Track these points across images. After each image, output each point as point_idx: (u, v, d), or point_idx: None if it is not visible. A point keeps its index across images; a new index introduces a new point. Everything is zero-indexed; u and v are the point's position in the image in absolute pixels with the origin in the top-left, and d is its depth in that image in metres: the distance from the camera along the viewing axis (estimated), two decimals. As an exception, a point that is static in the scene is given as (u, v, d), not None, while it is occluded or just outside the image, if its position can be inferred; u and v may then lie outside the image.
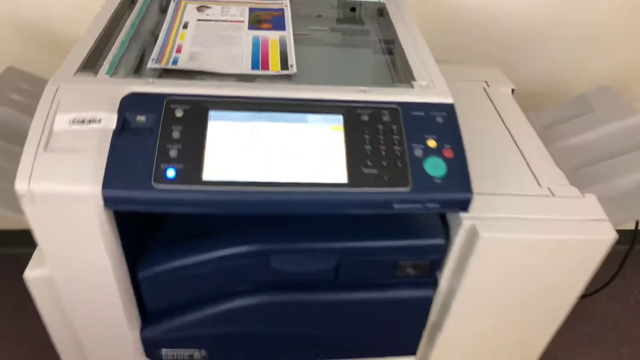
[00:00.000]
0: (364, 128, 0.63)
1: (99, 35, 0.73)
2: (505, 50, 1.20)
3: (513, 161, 0.78)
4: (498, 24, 1.16)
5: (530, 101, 1.00)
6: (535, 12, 1.14)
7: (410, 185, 0.60)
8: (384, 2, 0.91)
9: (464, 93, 0.71)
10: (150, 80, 0.64)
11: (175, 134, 0.60)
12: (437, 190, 0.60)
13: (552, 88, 1.25)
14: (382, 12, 0.91)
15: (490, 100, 0.92)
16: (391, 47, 0.81)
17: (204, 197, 0.58)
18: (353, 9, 0.93)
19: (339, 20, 0.92)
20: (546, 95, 1.26)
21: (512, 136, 0.83)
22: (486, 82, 0.97)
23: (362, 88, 0.66)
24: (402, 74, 0.73)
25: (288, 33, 0.79)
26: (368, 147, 0.62)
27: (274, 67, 0.70)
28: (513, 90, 0.97)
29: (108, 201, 0.56)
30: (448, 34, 1.12)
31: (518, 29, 1.17)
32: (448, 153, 0.62)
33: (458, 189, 0.61)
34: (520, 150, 0.80)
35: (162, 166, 0.57)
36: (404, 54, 0.75)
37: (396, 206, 0.60)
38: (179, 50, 0.72)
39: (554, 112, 1.01)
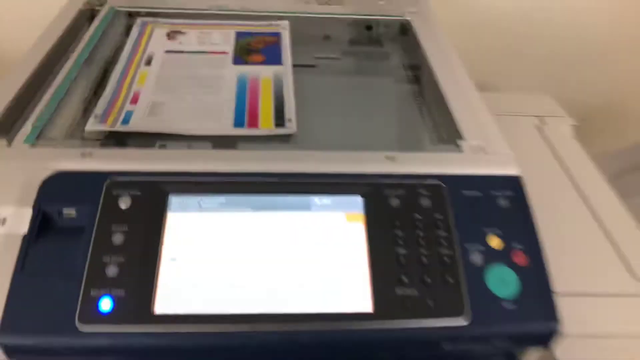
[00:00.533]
0: (394, 219, 0.43)
1: (31, 74, 0.54)
2: (546, 67, 1.00)
3: (592, 240, 0.57)
4: (539, 37, 0.97)
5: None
6: (588, 23, 0.95)
7: (468, 313, 0.40)
8: (408, 18, 0.72)
9: (512, 136, 0.52)
10: (89, 150, 0.45)
11: (117, 238, 0.40)
12: (508, 320, 0.40)
13: (603, 113, 1.05)
14: (405, 30, 0.72)
15: (549, 145, 0.71)
16: (424, 84, 0.61)
17: (157, 341, 0.38)
18: (369, 27, 0.74)
19: (352, 43, 0.73)
20: (593, 121, 1.06)
21: (584, 200, 0.63)
22: (538, 117, 0.77)
23: (389, 154, 0.47)
24: (443, 128, 0.53)
25: (286, 69, 0.59)
26: (401, 250, 0.42)
27: (266, 122, 0.51)
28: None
29: (9, 351, 0.37)
30: (474, 49, 0.92)
31: (562, 42, 0.98)
32: (520, 258, 0.42)
33: (538, 316, 0.41)
34: (599, 222, 0.59)
35: (93, 293, 0.38)
36: (443, 97, 0.55)
37: (447, 347, 0.40)
38: (134, 100, 0.52)
39: (622, 155, 0.81)
